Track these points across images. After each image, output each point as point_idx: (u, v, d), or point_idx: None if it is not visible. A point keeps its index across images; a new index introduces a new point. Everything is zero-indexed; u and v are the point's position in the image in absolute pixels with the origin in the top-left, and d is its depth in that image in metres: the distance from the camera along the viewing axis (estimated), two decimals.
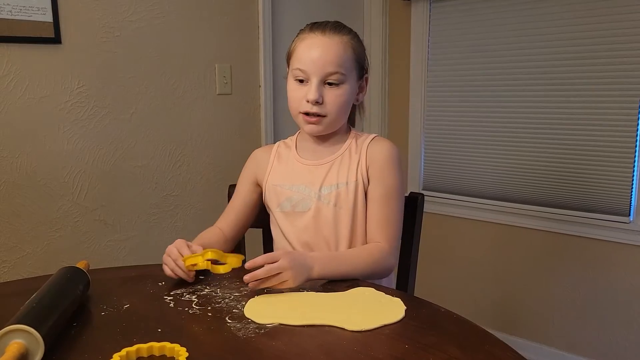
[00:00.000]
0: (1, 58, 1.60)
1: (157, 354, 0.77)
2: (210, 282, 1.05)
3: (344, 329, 0.85)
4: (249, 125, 2.23)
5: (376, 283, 1.06)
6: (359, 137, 1.22)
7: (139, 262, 1.88)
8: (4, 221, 1.65)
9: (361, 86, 1.19)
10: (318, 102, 1.11)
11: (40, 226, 1.72)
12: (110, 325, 0.87)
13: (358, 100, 1.22)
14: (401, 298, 0.96)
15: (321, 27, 1.12)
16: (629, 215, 2.00)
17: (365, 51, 1.18)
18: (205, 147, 2.10)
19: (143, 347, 0.77)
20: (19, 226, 1.68)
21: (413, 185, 2.60)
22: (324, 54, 1.09)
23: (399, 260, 1.30)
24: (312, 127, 1.15)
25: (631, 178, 1.98)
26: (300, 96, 1.13)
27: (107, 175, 1.85)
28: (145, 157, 1.94)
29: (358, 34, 1.18)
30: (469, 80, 2.36)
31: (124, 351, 0.75)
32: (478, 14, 2.29)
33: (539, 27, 2.13)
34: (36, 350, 0.72)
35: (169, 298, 0.97)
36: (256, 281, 0.96)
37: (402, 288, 1.30)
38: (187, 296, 0.98)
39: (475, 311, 2.40)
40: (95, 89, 1.79)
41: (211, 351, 0.79)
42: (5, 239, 1.65)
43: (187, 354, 0.74)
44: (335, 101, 1.12)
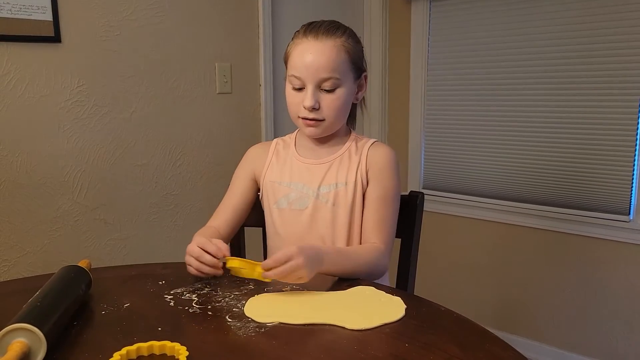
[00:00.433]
0: (1, 57, 1.59)
1: (157, 353, 0.77)
2: (210, 281, 1.05)
3: (344, 327, 0.85)
4: (249, 125, 2.23)
5: (376, 282, 1.06)
6: (359, 140, 1.23)
7: (139, 261, 1.88)
8: (4, 220, 1.65)
9: (360, 85, 1.19)
10: (315, 108, 1.12)
11: (41, 225, 1.72)
12: (111, 324, 0.87)
13: (358, 99, 1.22)
14: (401, 297, 0.97)
15: (314, 31, 1.11)
16: (629, 214, 2.00)
17: (362, 50, 1.18)
18: (206, 146, 2.10)
19: (143, 346, 0.77)
20: (19, 225, 1.68)
21: (413, 184, 2.60)
22: (317, 60, 1.09)
23: (398, 258, 1.30)
24: (311, 130, 1.16)
25: (631, 177, 1.98)
26: (297, 102, 1.14)
27: (107, 174, 1.85)
28: (145, 156, 1.94)
29: (355, 32, 1.17)
30: (469, 79, 2.36)
31: (124, 350, 0.75)
32: (478, 13, 2.29)
33: (540, 26, 2.13)
34: (38, 350, 0.72)
35: (169, 297, 0.97)
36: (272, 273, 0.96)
37: (402, 287, 1.30)
38: (187, 295, 0.98)
39: (475, 310, 2.40)
40: (95, 87, 1.79)
41: (211, 350, 0.79)
42: (5, 238, 1.65)
43: (188, 353, 0.74)
44: (331, 105, 1.13)
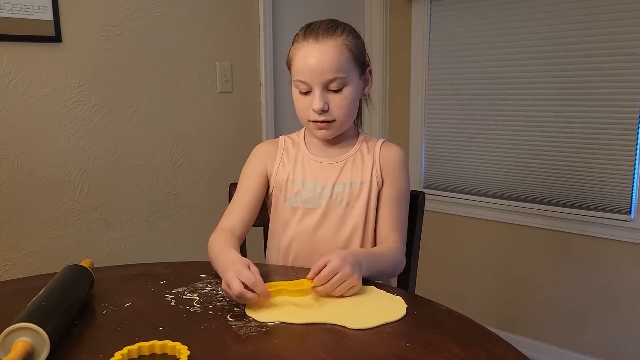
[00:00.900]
0: (2, 57, 1.59)
1: (158, 352, 0.77)
2: (211, 280, 1.05)
3: (345, 327, 0.85)
4: (250, 124, 2.23)
5: (377, 281, 1.07)
6: (368, 140, 1.23)
7: (139, 261, 1.89)
8: (5, 220, 1.65)
9: (366, 79, 1.19)
10: (324, 110, 1.11)
11: (41, 225, 1.72)
12: (112, 324, 0.87)
13: (365, 95, 1.22)
14: (402, 296, 0.97)
15: (314, 33, 1.11)
16: (630, 213, 2.00)
17: (364, 44, 1.17)
18: (206, 146, 2.10)
19: (145, 345, 0.77)
20: (20, 225, 1.68)
21: (414, 183, 2.60)
22: (320, 62, 1.09)
23: None
24: (323, 132, 1.16)
25: (632, 176, 1.98)
26: (306, 106, 1.13)
27: (108, 174, 1.85)
28: (146, 155, 1.94)
29: (354, 27, 1.16)
30: (470, 79, 2.36)
31: (125, 349, 0.75)
32: (479, 12, 2.29)
33: (541, 26, 2.13)
34: (42, 349, 0.72)
35: (170, 296, 0.97)
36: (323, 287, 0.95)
37: (403, 286, 1.30)
38: (188, 294, 0.98)
39: (476, 309, 2.40)
40: (96, 87, 1.79)
41: (212, 349, 0.79)
42: (6, 238, 1.66)
43: (189, 353, 0.74)
44: (341, 105, 1.12)
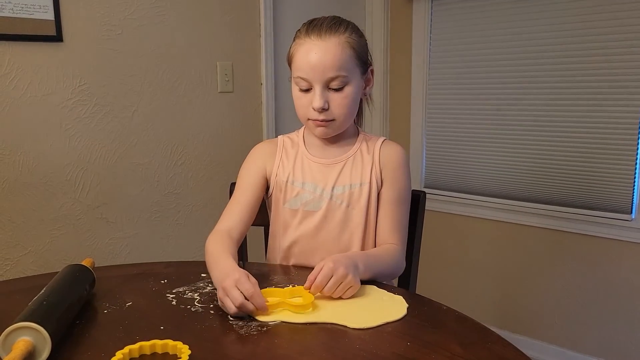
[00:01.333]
0: (3, 56, 1.60)
1: (159, 352, 0.77)
2: (212, 279, 1.05)
3: (346, 326, 0.85)
4: (251, 123, 2.23)
5: (377, 281, 1.06)
6: (368, 139, 1.21)
7: (140, 260, 1.89)
8: (6, 219, 1.65)
9: (367, 79, 1.17)
10: (324, 109, 1.09)
11: (42, 224, 1.72)
12: (113, 323, 0.87)
13: (366, 94, 1.20)
14: (403, 296, 0.97)
15: (317, 29, 1.09)
16: (631, 212, 2.00)
17: (366, 43, 1.15)
18: (207, 145, 2.10)
19: (146, 344, 0.77)
20: (21, 224, 1.68)
21: (415, 183, 2.60)
22: (323, 59, 1.07)
23: None
24: (322, 130, 1.14)
25: (633, 176, 1.98)
26: (305, 104, 1.11)
27: (108, 173, 1.85)
28: (147, 155, 1.94)
29: (357, 25, 1.14)
30: (471, 79, 2.35)
31: (126, 349, 0.75)
32: (479, 12, 2.29)
33: (542, 25, 2.12)
34: (43, 348, 0.72)
35: (171, 296, 0.97)
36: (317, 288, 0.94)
37: (404, 286, 1.30)
38: (189, 294, 0.98)
39: (477, 309, 2.40)
40: (97, 87, 1.79)
41: (213, 349, 0.79)
42: (7, 237, 1.66)
43: (190, 352, 0.74)
44: (342, 104, 1.10)
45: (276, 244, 1.23)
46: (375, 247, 1.18)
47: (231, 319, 0.88)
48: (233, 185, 1.33)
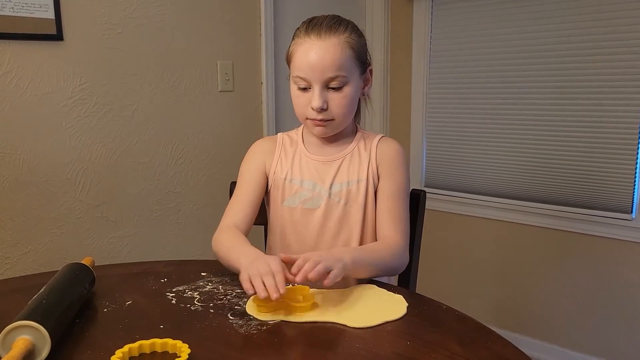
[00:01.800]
0: (3, 55, 1.60)
1: (159, 351, 0.77)
2: (212, 278, 1.05)
3: (345, 325, 0.85)
4: (251, 122, 2.23)
5: (377, 280, 1.06)
6: (366, 136, 1.21)
7: (141, 259, 1.89)
8: (7, 218, 1.65)
9: (366, 79, 1.17)
10: (323, 109, 1.09)
11: (43, 223, 1.72)
12: (113, 322, 0.87)
13: (364, 94, 1.20)
14: (403, 295, 0.97)
15: (316, 29, 1.09)
16: (631, 212, 2.00)
17: (365, 43, 1.15)
18: (207, 144, 2.10)
19: (145, 343, 0.77)
20: (21, 223, 1.68)
21: (415, 182, 2.60)
22: (322, 59, 1.07)
23: None
24: (320, 130, 1.14)
25: (633, 175, 1.98)
26: (304, 103, 1.11)
27: (109, 172, 1.85)
28: (147, 154, 1.94)
29: (356, 25, 1.14)
30: (471, 78, 2.35)
31: (126, 347, 0.75)
32: (480, 11, 2.29)
33: (542, 25, 2.12)
34: (43, 347, 0.73)
35: (171, 295, 0.98)
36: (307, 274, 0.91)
37: (404, 285, 1.30)
38: (189, 293, 0.98)
39: (478, 308, 2.40)
40: (97, 85, 1.79)
41: (213, 348, 0.79)
42: (7, 236, 1.66)
43: (189, 351, 0.75)
44: (340, 104, 1.10)
45: (275, 242, 1.23)
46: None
47: (231, 318, 0.88)
48: (233, 184, 1.33)
